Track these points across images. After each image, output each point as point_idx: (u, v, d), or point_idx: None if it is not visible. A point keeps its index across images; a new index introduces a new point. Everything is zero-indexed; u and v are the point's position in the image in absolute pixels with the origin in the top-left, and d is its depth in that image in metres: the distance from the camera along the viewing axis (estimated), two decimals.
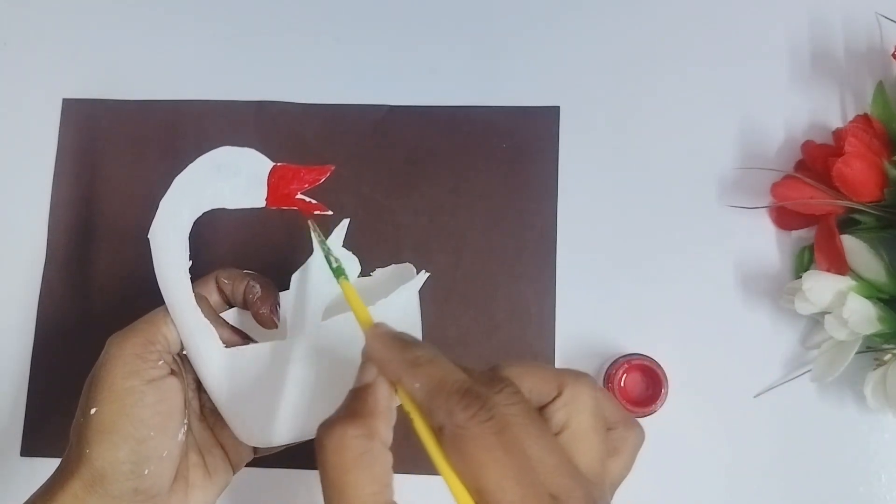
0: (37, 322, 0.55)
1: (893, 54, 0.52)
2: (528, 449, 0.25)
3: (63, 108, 0.58)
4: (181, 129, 0.57)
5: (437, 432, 0.26)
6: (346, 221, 0.41)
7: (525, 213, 0.55)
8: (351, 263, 0.40)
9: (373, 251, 0.54)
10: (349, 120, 0.57)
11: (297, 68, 0.58)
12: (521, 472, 0.24)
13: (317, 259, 0.39)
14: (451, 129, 0.56)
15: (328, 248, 0.37)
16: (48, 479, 0.37)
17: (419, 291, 0.40)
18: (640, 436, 0.31)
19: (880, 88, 0.52)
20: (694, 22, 0.57)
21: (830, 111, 0.55)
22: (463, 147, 0.56)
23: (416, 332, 0.41)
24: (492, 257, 0.54)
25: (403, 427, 0.39)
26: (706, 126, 0.55)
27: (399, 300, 0.38)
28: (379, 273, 0.44)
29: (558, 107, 0.56)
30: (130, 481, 0.36)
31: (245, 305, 0.41)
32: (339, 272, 0.36)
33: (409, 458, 0.29)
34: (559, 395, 0.28)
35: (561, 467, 0.25)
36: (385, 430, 0.27)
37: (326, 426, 0.27)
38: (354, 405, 0.28)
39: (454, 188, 0.55)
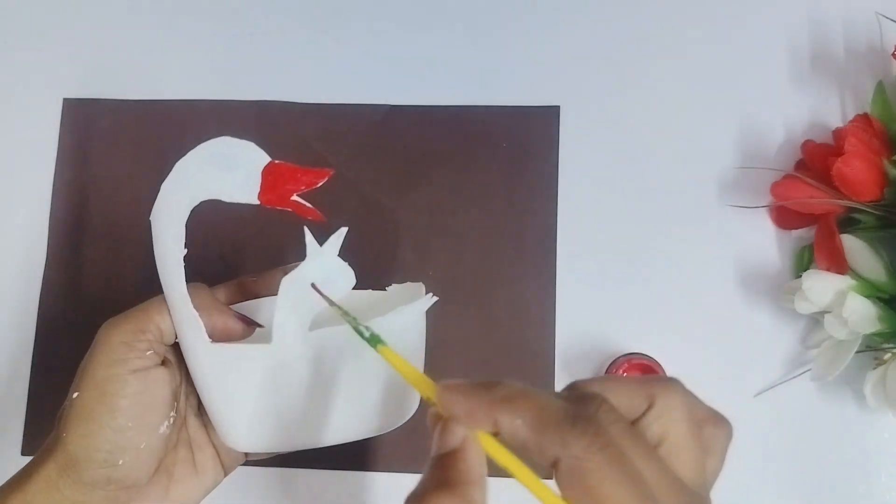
0: (37, 321, 0.55)
1: (893, 54, 0.52)
2: (642, 471, 0.23)
3: (63, 108, 0.58)
4: (181, 129, 0.57)
5: (551, 467, 0.24)
6: (343, 230, 0.37)
7: (525, 213, 0.55)
8: (345, 275, 0.38)
9: (373, 251, 0.54)
10: (349, 120, 0.57)
11: (297, 68, 0.58)
12: (644, 499, 0.23)
13: (310, 266, 0.37)
14: (451, 129, 0.56)
15: (355, 319, 0.33)
16: (29, 461, 0.36)
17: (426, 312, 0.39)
18: (730, 432, 0.29)
19: (880, 88, 0.52)
20: (694, 22, 0.57)
21: (830, 111, 0.55)
22: (463, 147, 0.56)
23: (419, 355, 0.39)
24: (492, 257, 0.54)
25: (405, 427, 0.39)
26: (706, 126, 0.55)
27: (399, 320, 0.36)
28: (393, 289, 0.42)
29: (558, 106, 0.56)
30: (104, 470, 0.35)
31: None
32: (374, 340, 0.32)
33: (410, 457, 0.29)
34: (651, 406, 0.26)
35: (674, 485, 0.24)
36: (482, 498, 0.25)
37: (417, 500, 0.24)
38: (444, 474, 0.25)
39: (454, 188, 0.55)
